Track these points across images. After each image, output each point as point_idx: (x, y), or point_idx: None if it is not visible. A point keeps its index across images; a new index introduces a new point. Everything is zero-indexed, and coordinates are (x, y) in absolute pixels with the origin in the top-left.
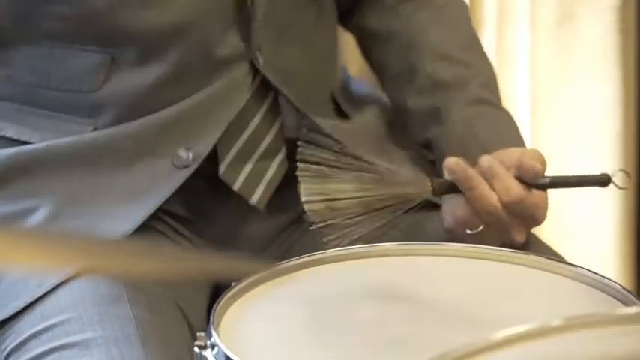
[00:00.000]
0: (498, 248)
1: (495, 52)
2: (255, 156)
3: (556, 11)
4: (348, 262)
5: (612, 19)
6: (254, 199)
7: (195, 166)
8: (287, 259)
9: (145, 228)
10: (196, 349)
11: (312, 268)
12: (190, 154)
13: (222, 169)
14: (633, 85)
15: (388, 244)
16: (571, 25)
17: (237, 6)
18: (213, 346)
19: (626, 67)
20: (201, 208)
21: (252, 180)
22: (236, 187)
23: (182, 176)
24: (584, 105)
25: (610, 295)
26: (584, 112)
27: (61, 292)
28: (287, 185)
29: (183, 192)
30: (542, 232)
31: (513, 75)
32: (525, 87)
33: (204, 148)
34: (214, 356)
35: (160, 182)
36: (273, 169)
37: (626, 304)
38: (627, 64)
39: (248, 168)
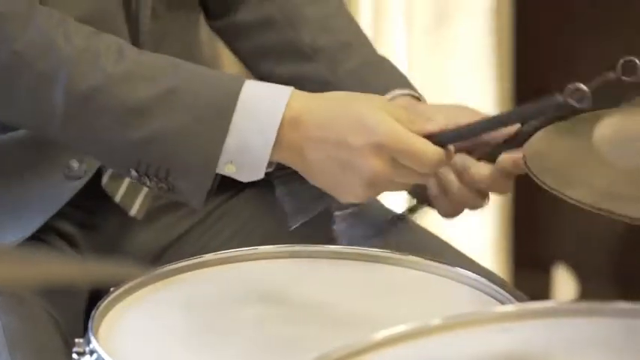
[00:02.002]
0: (378, 249)
1: None
2: None
3: (432, 13)
4: (228, 265)
5: (487, 20)
6: (133, 210)
7: (87, 178)
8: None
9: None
10: (75, 356)
11: (192, 272)
12: (84, 166)
13: (104, 179)
14: (509, 85)
15: (268, 247)
16: (447, 26)
17: (124, 18)
18: (92, 353)
19: (502, 67)
20: (85, 219)
21: (132, 190)
22: (117, 198)
23: (73, 188)
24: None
25: (487, 293)
26: None
27: None
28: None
29: (68, 204)
30: None
31: None
32: None
33: (96, 159)
34: None
35: (50, 193)
36: None
37: (503, 302)
38: (503, 65)
39: (129, 179)
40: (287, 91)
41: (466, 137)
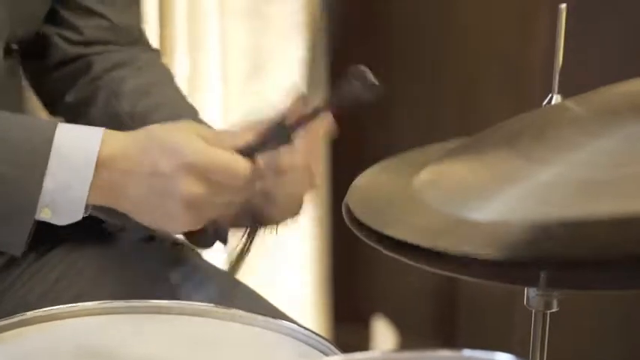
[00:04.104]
0: (202, 304)
1: None
2: None
3: (247, 64)
4: (51, 322)
5: (300, 70)
6: None
7: None
8: None
9: None
10: None
11: (14, 330)
12: None
13: None
14: (325, 145)
15: (89, 304)
16: (261, 77)
17: None
18: None
19: None
20: None
21: None
22: None
23: None
24: None
25: (311, 345)
26: None
27: None
28: None
29: None
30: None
31: None
32: None
33: None
34: None
35: None
36: None
37: (326, 353)
38: None
39: None
40: (99, 131)
41: (269, 145)
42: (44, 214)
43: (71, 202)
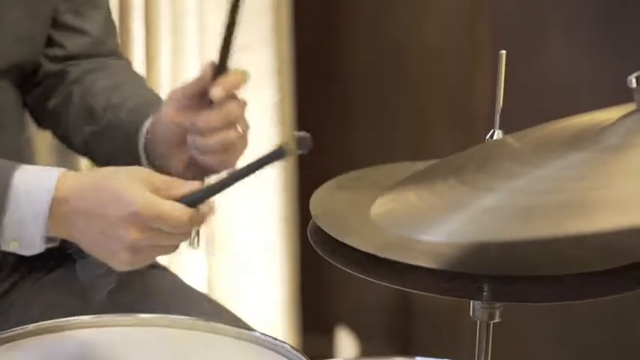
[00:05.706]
0: (182, 317)
1: None
2: None
3: None
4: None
5: (273, 111)
6: None
7: None
8: None
9: None
10: None
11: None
12: None
13: None
14: (292, 170)
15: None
16: None
17: None
18: None
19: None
20: None
21: None
22: None
23: None
24: (253, 190)
25: (283, 355)
26: (252, 200)
27: None
28: None
29: None
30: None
31: None
32: None
33: None
34: None
35: None
36: None
37: None
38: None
39: None
40: (56, 172)
41: (211, 196)
42: (12, 247)
43: (32, 235)
